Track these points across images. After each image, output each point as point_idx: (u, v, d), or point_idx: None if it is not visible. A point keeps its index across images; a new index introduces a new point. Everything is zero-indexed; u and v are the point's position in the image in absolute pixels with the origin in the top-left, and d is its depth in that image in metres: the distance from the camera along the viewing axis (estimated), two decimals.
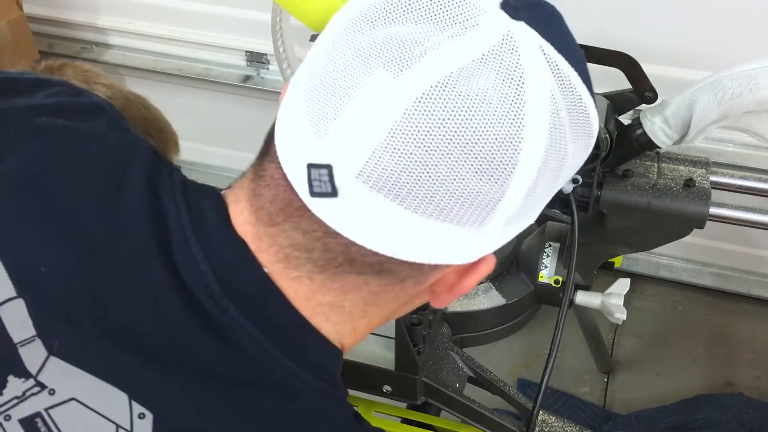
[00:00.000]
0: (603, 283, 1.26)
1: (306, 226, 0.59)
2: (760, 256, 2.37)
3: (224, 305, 0.60)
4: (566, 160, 0.60)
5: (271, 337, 0.62)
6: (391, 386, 1.12)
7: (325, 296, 0.63)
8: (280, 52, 1.30)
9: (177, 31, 2.58)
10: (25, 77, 0.80)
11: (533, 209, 0.64)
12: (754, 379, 2.22)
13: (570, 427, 1.22)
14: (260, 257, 0.62)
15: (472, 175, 0.55)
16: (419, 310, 1.12)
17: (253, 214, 0.62)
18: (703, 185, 1.18)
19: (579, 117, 0.60)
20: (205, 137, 2.55)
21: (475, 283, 0.68)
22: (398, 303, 0.68)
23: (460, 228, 0.58)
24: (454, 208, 0.56)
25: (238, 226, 0.63)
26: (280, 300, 0.62)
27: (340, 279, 0.61)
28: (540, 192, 0.60)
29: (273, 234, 0.61)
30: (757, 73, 1.06)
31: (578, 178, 1.16)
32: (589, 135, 0.63)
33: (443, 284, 0.67)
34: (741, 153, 2.10)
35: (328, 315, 0.64)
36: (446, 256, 0.60)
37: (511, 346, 2.30)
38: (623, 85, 1.21)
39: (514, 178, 0.56)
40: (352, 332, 0.68)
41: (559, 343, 1.13)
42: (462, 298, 1.24)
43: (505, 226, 0.61)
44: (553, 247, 1.29)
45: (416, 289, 0.65)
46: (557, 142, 0.58)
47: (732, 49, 1.81)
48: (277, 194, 0.60)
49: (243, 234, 0.63)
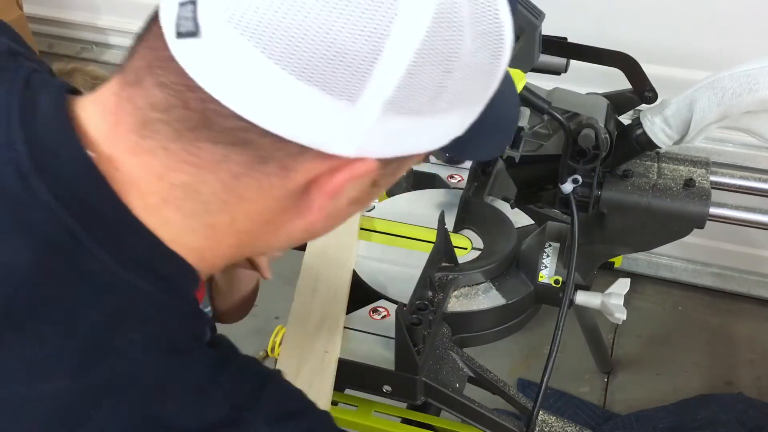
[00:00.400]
0: (603, 283, 1.26)
1: (167, 79, 0.56)
2: (760, 256, 2.37)
3: (34, 185, 0.56)
4: (461, 55, 0.57)
5: (87, 224, 0.56)
6: (391, 386, 1.12)
7: (179, 174, 0.57)
8: None
9: None
10: None
11: (423, 109, 0.58)
12: (754, 379, 2.22)
13: (570, 427, 1.22)
14: (115, 134, 0.58)
15: (343, 26, 0.52)
16: (419, 310, 1.12)
17: (120, 79, 0.59)
18: (703, 185, 1.18)
19: (483, 13, 0.58)
20: None
21: (351, 187, 0.61)
22: (265, 206, 0.61)
23: (330, 99, 0.54)
24: (321, 64, 0.52)
25: (99, 103, 0.60)
26: (101, 184, 0.57)
27: (197, 151, 0.56)
28: (425, 81, 0.56)
29: (134, 96, 0.58)
30: (757, 73, 1.06)
31: (578, 178, 1.16)
32: (498, 39, 0.60)
33: (317, 188, 0.60)
34: (741, 153, 2.10)
35: (181, 203, 0.58)
36: (313, 135, 0.56)
37: (511, 346, 2.30)
38: (623, 85, 1.21)
39: (389, 44, 0.53)
40: (209, 233, 0.61)
41: (559, 343, 1.13)
42: (462, 298, 1.24)
43: (385, 113, 0.56)
44: (553, 247, 1.29)
45: (284, 185, 0.59)
46: (447, 26, 0.55)
47: (732, 49, 1.81)
48: (149, 47, 0.58)
49: (104, 110, 0.60)
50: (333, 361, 1.10)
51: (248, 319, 1.30)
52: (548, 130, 1.20)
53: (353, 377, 1.14)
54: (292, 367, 1.09)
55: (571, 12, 1.85)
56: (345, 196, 0.62)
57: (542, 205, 1.31)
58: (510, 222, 1.37)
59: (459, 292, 1.25)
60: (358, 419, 1.16)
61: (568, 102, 1.17)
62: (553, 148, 1.19)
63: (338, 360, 1.11)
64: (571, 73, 1.22)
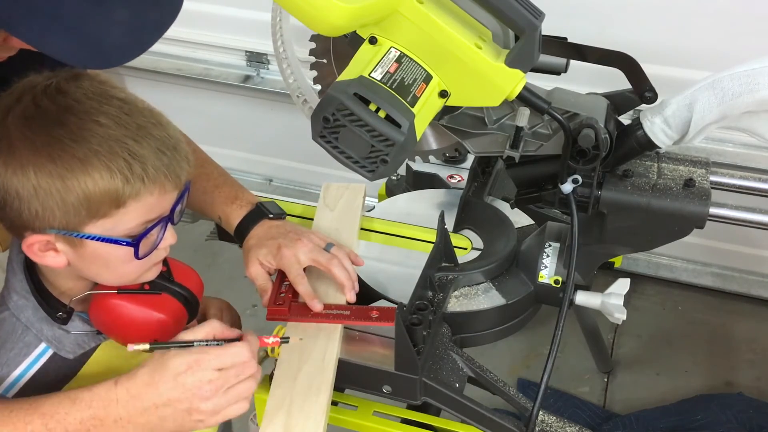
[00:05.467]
0: (603, 283, 1.26)
1: None
2: (760, 256, 2.37)
3: None
4: None
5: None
6: (391, 386, 1.12)
7: None
8: (280, 52, 1.30)
9: (177, 31, 2.56)
10: None
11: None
12: (754, 379, 2.22)
13: (570, 427, 1.22)
14: None
15: None
16: (419, 310, 1.12)
17: None
18: (703, 185, 1.18)
19: None
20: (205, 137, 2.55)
21: None
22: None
23: None
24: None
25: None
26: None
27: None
28: None
29: None
30: (757, 73, 1.06)
31: (578, 178, 1.16)
32: None
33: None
34: (741, 153, 2.10)
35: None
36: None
37: (511, 346, 2.30)
38: (623, 85, 1.21)
39: None
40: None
41: (559, 343, 1.13)
42: (462, 298, 1.24)
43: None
44: (553, 247, 1.29)
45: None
46: None
47: (732, 49, 1.81)
48: None
49: None
50: (333, 361, 1.10)
51: (248, 319, 1.30)
52: (548, 130, 1.20)
53: (353, 377, 1.14)
54: (292, 367, 1.09)
55: (571, 12, 1.85)
56: None
57: (542, 205, 1.31)
58: (510, 222, 1.37)
59: (459, 292, 1.25)
60: (358, 419, 1.16)
61: (568, 102, 1.17)
62: (553, 148, 1.19)
63: (338, 360, 1.11)
64: (571, 73, 1.22)
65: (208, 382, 0.91)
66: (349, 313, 1.14)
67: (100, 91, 0.93)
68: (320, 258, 1.17)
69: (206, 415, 0.93)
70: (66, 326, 1.03)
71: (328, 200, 1.40)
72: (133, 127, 0.92)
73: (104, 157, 0.89)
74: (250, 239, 1.22)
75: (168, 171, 0.94)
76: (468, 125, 1.23)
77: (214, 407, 0.93)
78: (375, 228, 1.39)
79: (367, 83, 0.98)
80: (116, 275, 1.00)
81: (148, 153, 0.92)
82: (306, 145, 1.19)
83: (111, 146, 0.89)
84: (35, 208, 0.90)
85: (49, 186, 0.89)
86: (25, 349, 1.01)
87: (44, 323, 1.02)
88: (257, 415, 1.16)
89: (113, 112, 0.91)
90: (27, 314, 1.01)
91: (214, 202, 1.26)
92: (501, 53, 1.03)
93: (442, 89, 1.05)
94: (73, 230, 0.92)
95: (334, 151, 1.01)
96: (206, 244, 1.69)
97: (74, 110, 0.90)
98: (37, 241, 0.93)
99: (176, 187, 0.97)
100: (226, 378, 0.93)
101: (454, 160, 1.60)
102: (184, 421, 0.93)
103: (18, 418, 0.90)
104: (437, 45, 1.01)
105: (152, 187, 0.93)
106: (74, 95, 0.91)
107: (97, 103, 0.91)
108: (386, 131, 0.97)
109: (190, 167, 0.99)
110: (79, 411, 0.90)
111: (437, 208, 1.45)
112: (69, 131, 0.89)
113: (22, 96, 0.91)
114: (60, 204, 0.90)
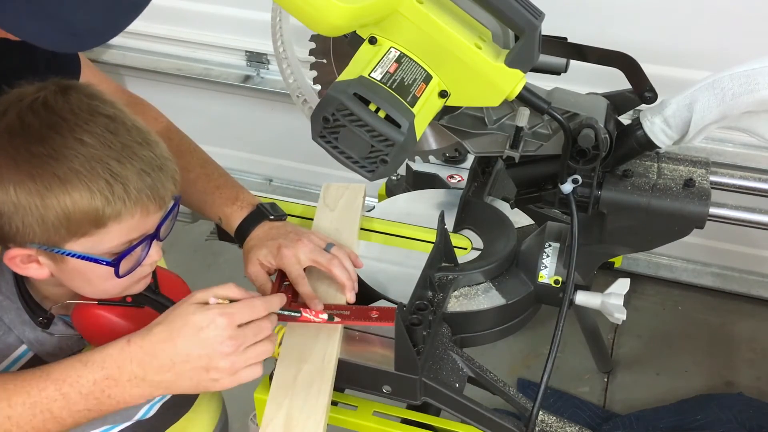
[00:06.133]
0: (603, 283, 1.26)
1: None
2: (760, 256, 2.37)
3: None
4: None
5: None
6: (391, 386, 1.12)
7: None
8: (279, 52, 1.30)
9: (177, 31, 2.58)
10: None
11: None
12: (754, 379, 2.22)
13: (570, 427, 1.22)
14: None
15: None
16: (419, 310, 1.12)
17: None
18: (703, 185, 1.18)
19: None
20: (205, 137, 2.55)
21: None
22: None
23: None
24: None
25: None
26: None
27: None
28: None
29: None
30: (757, 73, 1.06)
31: (578, 178, 1.16)
32: None
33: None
34: (741, 153, 2.11)
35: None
36: None
37: (511, 346, 2.30)
38: (623, 85, 1.21)
39: None
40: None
41: (559, 343, 1.13)
42: (462, 298, 1.24)
43: None
44: (553, 247, 1.29)
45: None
46: None
47: (732, 49, 1.82)
48: None
49: None
50: (333, 361, 1.10)
51: None
52: (548, 130, 1.20)
53: (353, 377, 1.14)
54: (292, 367, 1.09)
55: (571, 12, 1.85)
56: None
57: (542, 205, 1.31)
58: (510, 222, 1.37)
59: (459, 292, 1.25)
60: (358, 419, 1.16)
61: (568, 102, 1.17)
62: (553, 148, 1.19)
63: (338, 360, 1.11)
64: (571, 73, 1.22)
65: (229, 338, 0.91)
66: (349, 313, 1.14)
67: (87, 107, 0.92)
68: (320, 258, 1.17)
69: (223, 374, 0.92)
70: (48, 329, 1.03)
71: (328, 200, 1.40)
72: (117, 147, 0.91)
73: (85, 176, 0.88)
74: (251, 240, 1.22)
75: (151, 192, 0.93)
76: (468, 125, 1.23)
77: (231, 365, 0.92)
78: (375, 228, 1.39)
79: (367, 83, 0.98)
80: (98, 290, 1.00)
81: (130, 174, 0.91)
82: (306, 145, 1.19)
83: (93, 166, 0.89)
84: (16, 224, 0.90)
85: (28, 203, 0.88)
86: (6, 350, 1.01)
87: (27, 326, 1.02)
88: (257, 415, 1.16)
89: (98, 131, 0.90)
90: (10, 316, 1.01)
91: (215, 203, 1.26)
92: (501, 53, 1.03)
93: (442, 89, 1.05)
94: (54, 246, 0.92)
95: (334, 151, 1.01)
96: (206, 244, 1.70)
97: (58, 127, 0.89)
98: (19, 254, 0.93)
99: (160, 208, 0.96)
100: (245, 335, 0.93)
101: (454, 160, 1.60)
102: (201, 379, 0.92)
103: (31, 385, 0.90)
104: (437, 45, 1.01)
105: (134, 209, 0.92)
106: (60, 111, 0.90)
107: (83, 121, 0.90)
108: (386, 131, 0.97)
109: (176, 187, 0.98)
110: (91, 372, 0.90)
111: (437, 208, 1.45)
112: (51, 149, 0.88)
113: (8, 110, 0.91)
114: (39, 221, 0.89)
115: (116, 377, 0.91)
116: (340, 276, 1.16)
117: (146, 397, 0.93)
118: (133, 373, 0.91)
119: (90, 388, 0.90)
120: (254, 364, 0.95)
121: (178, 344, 0.91)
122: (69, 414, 0.90)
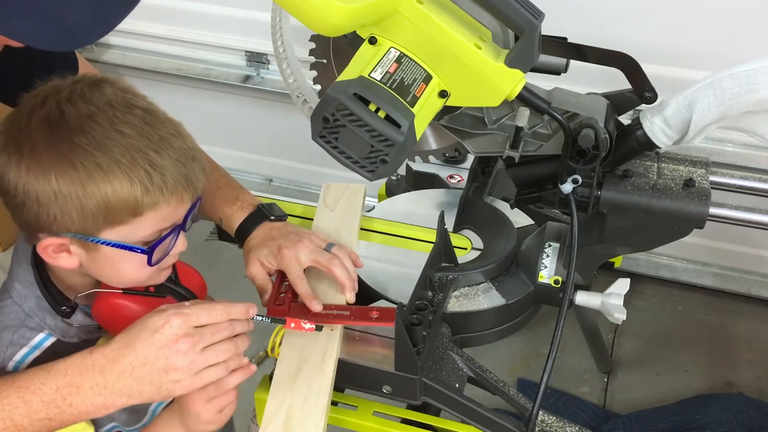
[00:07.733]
0: (603, 283, 1.26)
1: None
2: (760, 256, 2.37)
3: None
4: None
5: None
6: (391, 386, 1.12)
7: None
8: (279, 52, 1.30)
9: (177, 31, 2.58)
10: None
11: None
12: (754, 379, 2.22)
13: (570, 427, 1.22)
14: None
15: None
16: (419, 310, 1.12)
17: None
18: (703, 185, 1.18)
19: None
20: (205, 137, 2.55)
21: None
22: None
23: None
24: None
25: None
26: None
27: None
28: None
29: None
30: (757, 73, 1.06)
31: (578, 178, 1.16)
32: None
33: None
34: (741, 153, 2.11)
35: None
36: None
37: (511, 346, 2.30)
38: (623, 85, 1.21)
39: None
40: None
41: (559, 343, 1.13)
42: (462, 298, 1.24)
43: None
44: (553, 247, 1.29)
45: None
46: None
47: (732, 49, 1.81)
48: None
49: None
50: (333, 361, 1.10)
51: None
52: (548, 130, 1.20)
53: (353, 377, 1.14)
54: (292, 367, 1.09)
55: (571, 12, 1.85)
56: None
57: (542, 205, 1.31)
58: (510, 222, 1.37)
59: (459, 292, 1.25)
60: (358, 419, 1.16)
61: (568, 102, 1.17)
62: (553, 148, 1.19)
63: (338, 360, 1.11)
64: (571, 73, 1.22)
65: (184, 335, 0.92)
66: (348, 314, 1.14)
67: (123, 99, 0.95)
68: (321, 258, 1.17)
69: (183, 374, 0.92)
70: (69, 320, 1.05)
71: (328, 200, 1.40)
72: (154, 138, 0.93)
73: (126, 166, 0.91)
74: (251, 240, 1.22)
75: (186, 182, 0.96)
76: (468, 125, 1.23)
77: (189, 364, 0.92)
78: (375, 228, 1.39)
79: (367, 83, 0.98)
80: (126, 280, 1.02)
81: (168, 164, 0.93)
82: (306, 145, 1.19)
83: (133, 156, 0.91)
84: (54, 212, 0.92)
85: (69, 192, 0.90)
86: (28, 333, 1.02)
87: (47, 314, 1.03)
88: (257, 415, 1.16)
89: (136, 122, 0.93)
90: (30, 303, 1.02)
91: (215, 204, 1.26)
92: (501, 53, 1.03)
93: (441, 89, 1.05)
94: (90, 235, 0.94)
95: (334, 151, 1.01)
96: (206, 244, 1.69)
97: (98, 118, 0.91)
98: (51, 243, 0.95)
99: (193, 198, 0.99)
100: (202, 334, 0.93)
101: (454, 160, 1.60)
102: (162, 382, 0.92)
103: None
104: (437, 45, 1.01)
105: (170, 198, 0.95)
106: (97, 103, 0.93)
107: (120, 112, 0.93)
108: (386, 131, 0.97)
109: (206, 177, 1.01)
110: (54, 380, 0.91)
111: (437, 208, 1.45)
112: (92, 139, 0.90)
113: (46, 100, 0.92)
114: (79, 210, 0.91)
115: (78, 384, 0.91)
116: (341, 276, 1.16)
117: (108, 406, 0.93)
118: (95, 381, 0.91)
119: (52, 396, 0.91)
120: (217, 365, 0.95)
121: (137, 348, 0.91)
122: (30, 422, 0.91)
